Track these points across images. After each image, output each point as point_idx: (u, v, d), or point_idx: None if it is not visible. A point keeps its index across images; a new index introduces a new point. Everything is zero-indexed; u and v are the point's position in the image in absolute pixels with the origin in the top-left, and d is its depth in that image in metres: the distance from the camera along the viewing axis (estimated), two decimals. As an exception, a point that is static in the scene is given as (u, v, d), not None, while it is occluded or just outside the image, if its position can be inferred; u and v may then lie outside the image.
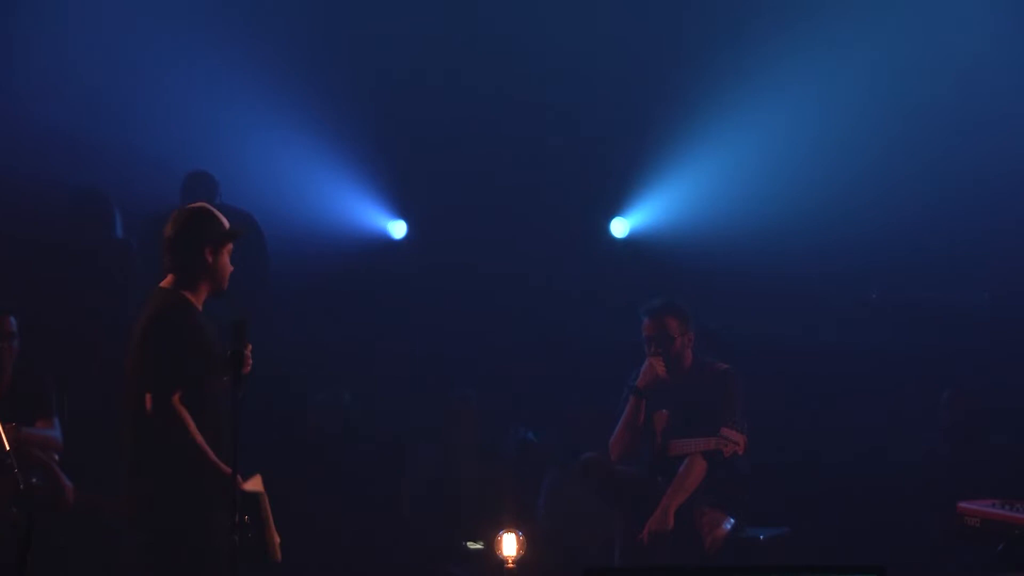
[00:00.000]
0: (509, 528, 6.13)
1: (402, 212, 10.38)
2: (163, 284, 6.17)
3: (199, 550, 5.91)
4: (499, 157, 10.01)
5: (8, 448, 6.49)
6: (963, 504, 7.03)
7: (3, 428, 6.51)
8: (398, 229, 10.38)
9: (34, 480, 6.87)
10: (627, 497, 7.67)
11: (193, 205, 6.37)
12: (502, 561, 6.10)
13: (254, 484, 5.91)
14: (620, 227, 10.34)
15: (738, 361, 7.91)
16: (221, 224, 6.20)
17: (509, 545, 6.06)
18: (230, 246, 6.20)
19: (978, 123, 9.66)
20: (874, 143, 9.74)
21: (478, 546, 8.06)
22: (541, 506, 8.57)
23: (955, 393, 8.63)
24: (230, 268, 6.21)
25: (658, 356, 7.68)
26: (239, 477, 5.62)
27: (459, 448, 8.73)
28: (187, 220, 6.18)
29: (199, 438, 5.92)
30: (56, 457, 7.13)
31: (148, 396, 5.92)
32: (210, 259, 6.13)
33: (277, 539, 5.96)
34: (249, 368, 5.79)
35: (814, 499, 8.47)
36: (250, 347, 5.82)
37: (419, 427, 8.96)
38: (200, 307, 6.14)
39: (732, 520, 7.51)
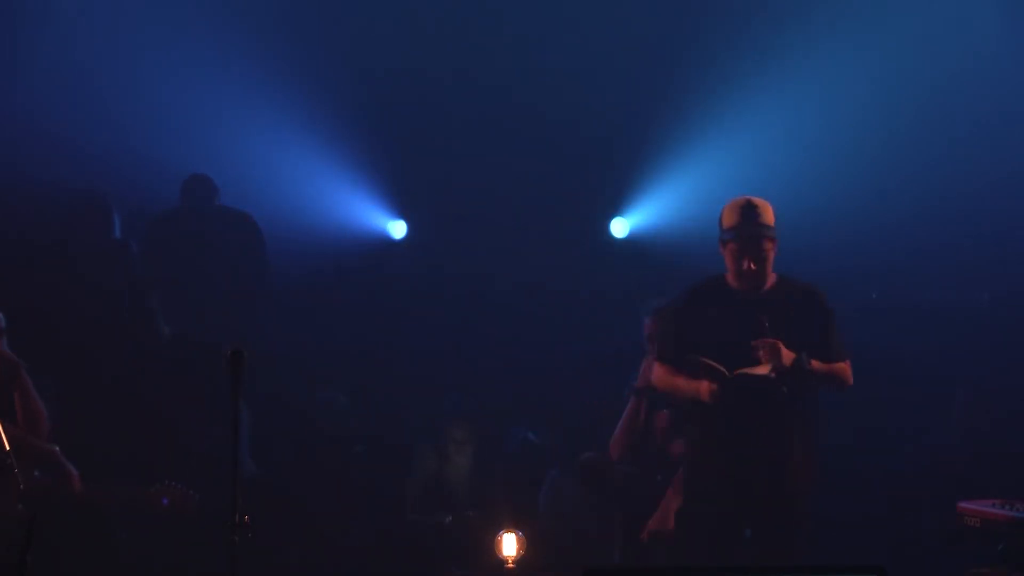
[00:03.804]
0: (509, 528, 6.12)
1: (402, 212, 10.37)
2: None
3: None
4: (499, 157, 10.01)
5: (8, 448, 6.48)
6: (963, 504, 7.01)
7: (2, 428, 6.50)
8: (398, 229, 10.38)
9: (36, 473, 6.86)
10: (627, 497, 7.66)
11: (740, 198, 6.55)
12: (502, 561, 6.09)
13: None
14: (620, 227, 10.34)
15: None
16: (724, 223, 6.47)
17: (509, 545, 6.04)
18: (732, 246, 6.44)
19: (978, 123, 9.66)
20: (874, 143, 9.74)
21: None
22: (541, 506, 8.55)
23: (973, 394, 8.62)
24: (748, 269, 6.45)
25: (658, 356, 7.67)
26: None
27: (459, 448, 8.73)
28: (724, 211, 6.51)
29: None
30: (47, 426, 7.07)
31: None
32: (726, 254, 6.49)
33: None
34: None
35: (814, 499, 8.45)
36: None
37: (419, 427, 8.95)
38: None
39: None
